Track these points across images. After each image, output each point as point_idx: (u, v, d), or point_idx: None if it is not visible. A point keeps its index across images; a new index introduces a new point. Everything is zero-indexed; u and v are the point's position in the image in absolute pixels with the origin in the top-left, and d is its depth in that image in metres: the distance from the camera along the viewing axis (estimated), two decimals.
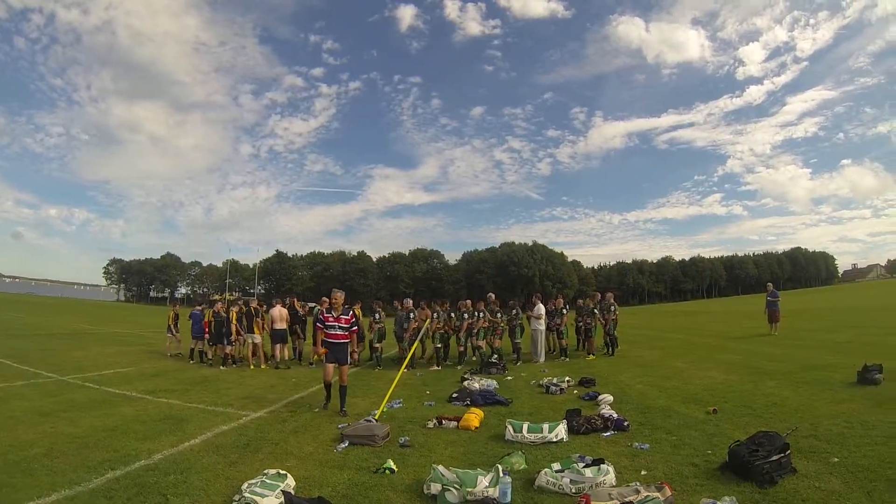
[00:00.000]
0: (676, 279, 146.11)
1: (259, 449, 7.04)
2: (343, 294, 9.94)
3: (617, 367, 14.26)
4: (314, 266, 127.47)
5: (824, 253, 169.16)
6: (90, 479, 5.66)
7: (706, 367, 13.22)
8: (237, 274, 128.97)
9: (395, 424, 8.27)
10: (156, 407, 9.65)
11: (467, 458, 6.48)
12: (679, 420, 7.93)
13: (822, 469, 5.38)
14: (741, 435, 6.32)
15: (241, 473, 5.85)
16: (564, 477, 5.24)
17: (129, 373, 13.83)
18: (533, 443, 6.99)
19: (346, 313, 9.64)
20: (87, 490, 5.38)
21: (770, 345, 17.51)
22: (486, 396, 10.13)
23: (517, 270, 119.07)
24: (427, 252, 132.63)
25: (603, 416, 7.85)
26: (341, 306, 9.69)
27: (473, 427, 7.95)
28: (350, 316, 9.66)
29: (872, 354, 11.86)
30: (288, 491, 5.14)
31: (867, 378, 9.54)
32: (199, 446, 7.11)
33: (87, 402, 9.87)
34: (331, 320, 9.46)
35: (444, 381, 13.19)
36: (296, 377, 13.82)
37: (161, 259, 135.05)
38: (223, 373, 14.55)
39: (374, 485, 5.56)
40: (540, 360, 16.31)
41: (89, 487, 5.45)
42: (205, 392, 11.37)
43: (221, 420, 8.68)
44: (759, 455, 5.25)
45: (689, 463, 5.90)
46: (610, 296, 18.57)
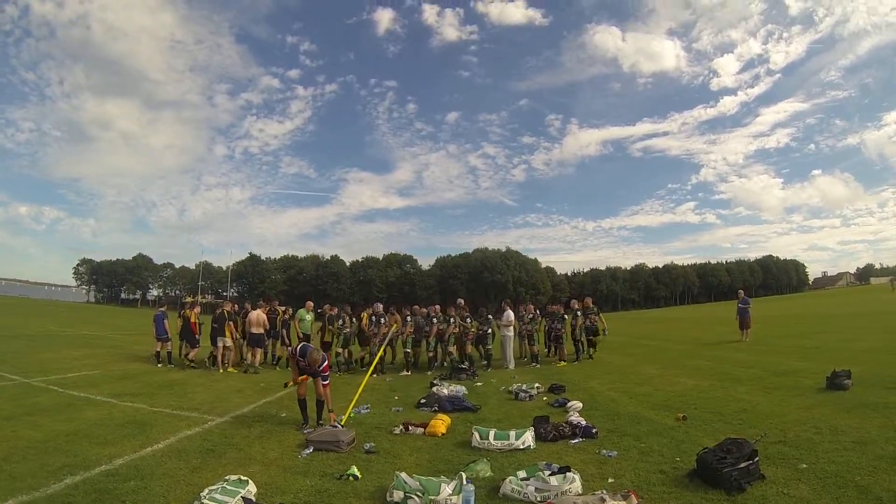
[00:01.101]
0: (650, 286, 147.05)
1: (223, 454, 6.96)
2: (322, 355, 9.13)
3: (587, 374, 14.28)
4: (287, 269, 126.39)
5: (795, 261, 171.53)
6: (49, 485, 5.57)
7: (677, 374, 13.26)
8: (210, 276, 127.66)
9: (362, 430, 8.23)
10: (120, 411, 9.49)
11: (432, 465, 6.46)
12: (648, 427, 7.93)
13: (790, 475, 5.41)
14: (710, 441, 6.35)
15: (202, 479, 5.77)
16: (530, 485, 5.21)
17: (96, 376, 13.58)
18: (500, 450, 6.96)
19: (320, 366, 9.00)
20: (44, 496, 5.30)
21: (741, 351, 17.65)
22: (455, 402, 10.11)
23: (490, 276, 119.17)
24: (400, 257, 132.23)
25: (571, 423, 7.85)
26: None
27: (440, 433, 7.91)
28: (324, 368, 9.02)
29: (841, 360, 12.09)
30: (249, 497, 5.07)
31: (836, 384, 9.62)
32: (161, 451, 7.01)
33: (51, 406, 9.69)
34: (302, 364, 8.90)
35: (413, 386, 13.13)
36: (264, 382, 13.68)
37: (133, 260, 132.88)
38: (191, 376, 14.35)
39: (337, 491, 5.51)
40: (510, 366, 16.35)
41: (47, 493, 5.37)
42: (171, 396, 11.22)
43: (186, 425, 8.57)
44: (727, 462, 5.26)
45: (657, 470, 5.89)
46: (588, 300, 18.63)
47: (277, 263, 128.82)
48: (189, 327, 16.78)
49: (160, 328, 16.79)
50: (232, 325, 16.42)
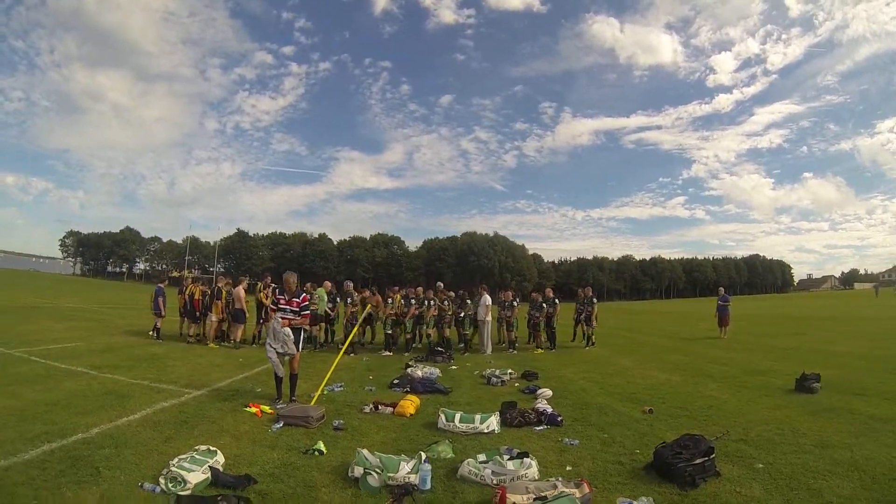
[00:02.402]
0: (636, 278, 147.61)
1: (196, 426, 7.10)
2: (295, 277, 9.67)
3: (562, 363, 14.44)
4: (275, 246, 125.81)
5: (781, 261, 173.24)
6: (26, 451, 5.68)
7: (651, 367, 13.44)
8: (197, 251, 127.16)
9: (333, 407, 8.39)
10: (99, 382, 9.58)
11: (397, 444, 6.58)
12: (614, 418, 8.04)
13: (745, 474, 5.49)
14: (673, 436, 6.38)
15: (174, 449, 5.89)
16: (487, 468, 5.32)
17: (78, 348, 13.65)
18: (464, 433, 7.09)
19: (298, 296, 9.38)
20: (21, 461, 5.41)
21: (717, 348, 17.87)
22: (426, 384, 10.27)
23: (477, 261, 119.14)
24: (388, 237, 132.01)
25: (537, 410, 7.96)
26: (293, 289, 9.46)
27: (408, 414, 8.06)
28: (302, 298, 9.38)
29: (814, 362, 12.32)
30: (216, 467, 5.22)
31: (804, 386, 9.76)
32: (137, 422, 7.13)
33: (31, 376, 9.79)
34: (283, 303, 9.25)
35: (388, 367, 13.27)
36: (243, 357, 13.83)
37: (120, 233, 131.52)
38: (171, 350, 14.45)
39: (302, 465, 5.67)
40: (487, 351, 16.53)
41: (24, 459, 5.48)
42: (150, 369, 11.32)
43: (163, 397, 8.69)
44: (682, 457, 5.32)
45: (616, 461, 5.98)
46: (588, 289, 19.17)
47: (265, 240, 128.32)
48: (193, 304, 16.94)
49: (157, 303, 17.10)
50: (219, 301, 16.64)
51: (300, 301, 9.28)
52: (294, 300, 9.26)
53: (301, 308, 9.27)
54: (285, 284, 9.52)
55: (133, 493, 4.87)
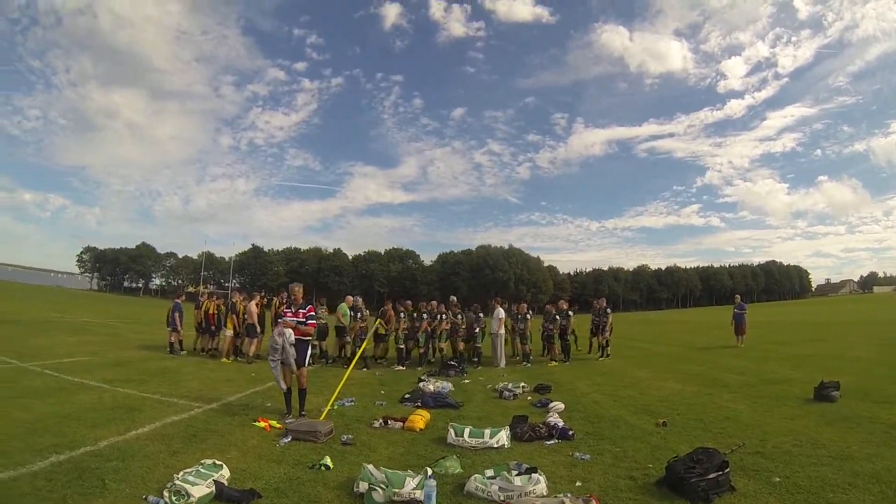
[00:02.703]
0: (652, 288, 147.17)
1: (204, 440, 7.10)
2: (301, 287, 9.63)
3: (575, 375, 14.31)
4: (290, 261, 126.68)
5: (798, 267, 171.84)
6: (34, 462, 5.71)
7: (666, 378, 13.25)
8: (212, 267, 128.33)
9: (343, 422, 8.37)
10: (111, 396, 9.60)
11: (405, 460, 6.53)
12: (626, 431, 7.91)
13: (761, 489, 5.30)
14: (687, 449, 6.19)
15: (180, 462, 5.89)
16: (494, 484, 5.23)
17: (91, 362, 13.69)
18: (473, 447, 7.01)
19: (305, 307, 9.23)
20: (29, 472, 5.45)
21: (733, 357, 17.63)
22: (437, 399, 10.20)
23: (492, 274, 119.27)
24: (403, 252, 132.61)
25: (548, 424, 7.86)
26: (300, 300, 9.37)
27: (418, 429, 7.99)
28: (308, 309, 9.23)
29: (833, 370, 12.14)
30: (220, 481, 5.20)
31: (823, 395, 9.52)
32: (145, 435, 7.15)
33: (44, 389, 9.82)
34: (289, 315, 9.09)
35: (401, 381, 13.21)
36: (255, 372, 13.77)
37: (136, 249, 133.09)
38: (183, 365, 14.47)
39: (308, 480, 5.62)
40: (500, 364, 16.42)
41: (32, 470, 5.52)
42: (162, 383, 11.32)
43: (173, 411, 8.69)
44: (695, 472, 5.17)
45: (628, 476, 5.83)
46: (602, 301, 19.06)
47: (280, 255, 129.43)
48: (208, 319, 17.14)
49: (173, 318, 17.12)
50: (234, 316, 16.69)
51: (306, 312, 9.16)
52: (301, 311, 9.13)
53: (307, 318, 9.14)
54: (291, 295, 9.48)
55: None
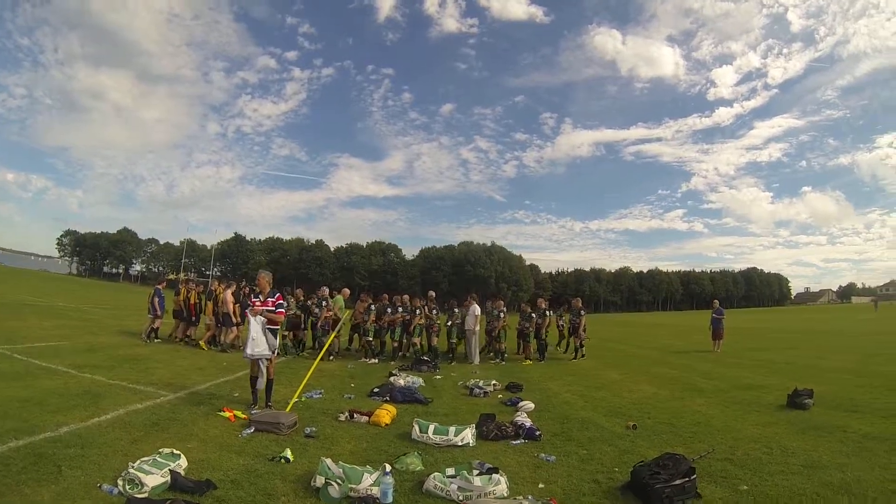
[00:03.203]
0: (633, 290, 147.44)
1: (166, 429, 7.04)
2: (269, 275, 9.28)
3: (548, 374, 14.31)
4: (272, 251, 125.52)
5: (779, 275, 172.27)
6: None
7: (639, 380, 13.29)
8: (194, 254, 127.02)
9: (308, 414, 8.30)
10: (77, 382, 9.51)
11: (367, 455, 6.48)
12: (595, 433, 7.85)
13: (728, 497, 5.25)
14: (655, 453, 6.19)
15: (139, 451, 5.83)
16: (453, 483, 5.17)
17: (62, 346, 13.55)
18: (437, 444, 6.95)
19: (273, 296, 8.99)
20: None
21: (709, 361, 17.77)
22: (406, 394, 10.13)
23: (473, 270, 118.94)
24: (385, 245, 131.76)
25: (515, 424, 7.80)
26: (266, 289, 9.08)
27: (384, 423, 7.93)
28: (276, 298, 8.97)
29: (807, 377, 12.27)
30: (177, 471, 5.14)
31: (796, 402, 9.57)
32: (107, 422, 7.08)
33: (10, 373, 9.73)
34: (257, 305, 8.87)
35: (372, 375, 13.13)
36: (227, 361, 13.66)
37: (117, 234, 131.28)
38: (155, 352, 14.34)
39: (266, 472, 5.57)
40: (474, 361, 16.40)
41: None
42: (131, 370, 11.22)
43: (138, 398, 8.60)
44: (660, 478, 5.11)
45: (592, 479, 5.77)
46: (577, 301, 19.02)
47: (262, 245, 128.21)
48: (189, 307, 17.13)
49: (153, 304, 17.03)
50: (210, 304, 16.78)
51: (274, 301, 8.94)
52: (269, 300, 8.92)
53: (276, 307, 8.94)
54: (259, 284, 9.21)
55: (90, 493, 4.81)
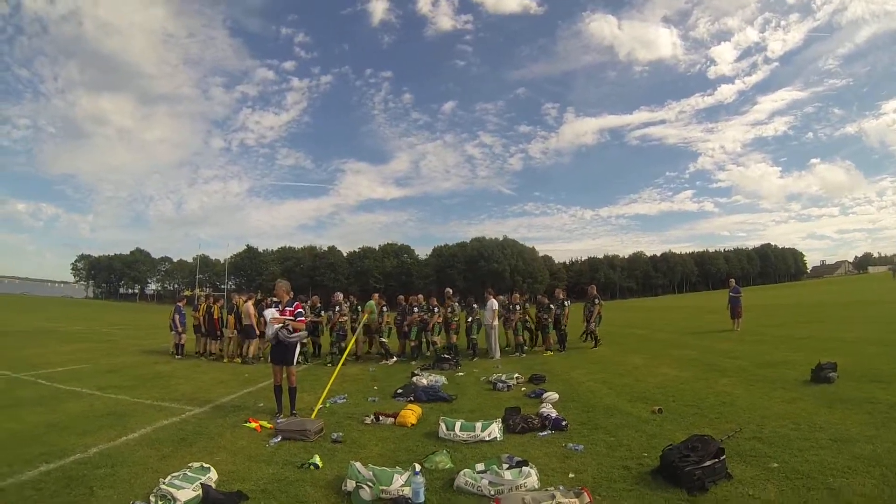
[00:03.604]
0: (648, 274, 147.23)
1: (193, 443, 7.07)
2: (287, 284, 9.28)
3: (571, 364, 14.21)
4: (285, 261, 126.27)
5: (793, 249, 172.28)
6: (23, 472, 5.73)
7: (661, 364, 13.16)
8: (208, 269, 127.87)
9: (334, 420, 8.31)
10: (102, 403, 9.59)
11: (395, 456, 6.47)
12: (621, 419, 7.79)
13: (759, 475, 5.19)
14: (683, 436, 6.12)
15: (169, 467, 5.87)
16: (484, 478, 5.16)
17: (83, 370, 13.68)
18: (465, 441, 6.93)
19: (291, 305, 8.96)
20: (17, 482, 5.47)
21: (729, 341, 17.59)
22: (430, 393, 10.10)
23: (487, 265, 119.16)
24: (397, 247, 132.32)
25: (541, 415, 7.75)
26: (286, 298, 9.08)
27: (410, 424, 7.92)
28: (294, 308, 8.93)
29: (830, 351, 12.09)
30: (207, 484, 5.15)
31: (821, 377, 9.41)
32: (135, 441, 7.13)
33: (35, 399, 9.84)
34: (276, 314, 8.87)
35: (394, 376, 13.09)
36: (248, 373, 13.72)
37: (130, 255, 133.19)
38: (177, 368, 14.45)
39: (296, 480, 5.58)
40: (495, 356, 16.34)
41: (20, 480, 5.54)
42: (154, 388, 11.29)
43: (164, 415, 8.65)
44: (690, 460, 5.07)
45: (622, 466, 5.73)
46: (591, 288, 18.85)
47: (275, 255, 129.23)
48: (212, 321, 17.25)
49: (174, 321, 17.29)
50: (231, 317, 16.86)
51: (293, 310, 8.91)
52: (287, 309, 8.90)
53: (295, 316, 8.88)
54: (277, 294, 9.22)
55: None
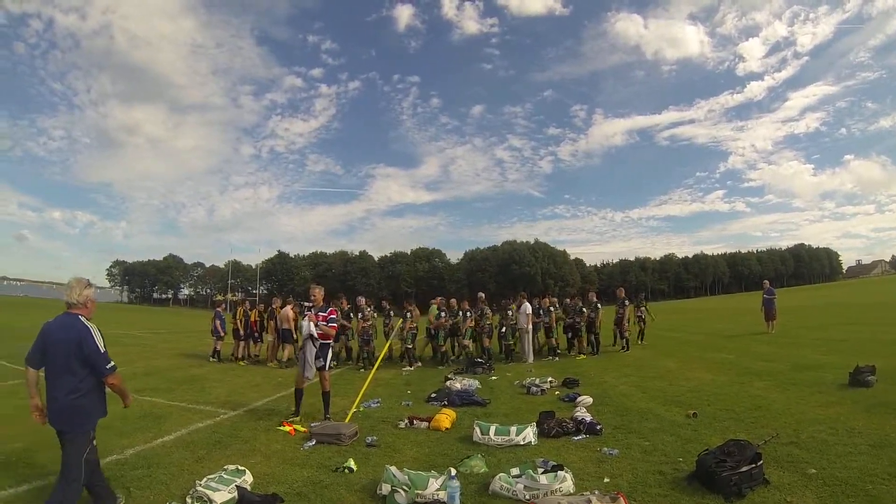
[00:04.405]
0: (679, 276, 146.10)
1: (228, 446, 7.13)
2: (321, 290, 9.35)
3: (604, 367, 14.15)
4: (316, 266, 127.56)
5: (828, 249, 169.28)
6: None
7: (695, 368, 13.03)
8: (239, 274, 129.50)
9: (368, 424, 8.33)
10: (139, 405, 9.55)
11: (430, 460, 6.48)
12: (656, 424, 7.75)
13: (796, 481, 5.11)
14: (718, 440, 6.07)
15: (204, 469, 5.95)
16: (519, 482, 5.14)
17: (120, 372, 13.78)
18: (500, 445, 6.92)
19: (325, 310, 8.98)
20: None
21: (764, 343, 17.37)
22: (464, 397, 10.09)
23: (519, 269, 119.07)
24: (429, 251, 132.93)
25: (575, 419, 7.70)
26: (321, 303, 9.13)
27: (444, 428, 7.92)
28: (328, 313, 8.97)
29: (867, 353, 11.87)
30: (243, 487, 5.21)
31: (859, 380, 9.25)
32: (171, 442, 7.22)
33: None
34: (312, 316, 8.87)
35: (428, 380, 13.10)
36: (281, 377, 13.76)
37: (164, 260, 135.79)
38: (211, 372, 14.58)
39: (331, 483, 5.59)
40: (528, 359, 16.28)
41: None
42: (189, 391, 11.41)
43: (199, 418, 8.74)
44: (727, 465, 5.00)
45: (657, 471, 5.68)
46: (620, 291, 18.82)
47: (306, 260, 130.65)
48: (250, 325, 17.50)
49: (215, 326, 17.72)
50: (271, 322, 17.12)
51: (327, 315, 8.94)
52: (321, 314, 8.92)
53: (328, 321, 8.94)
54: (314, 298, 9.20)
55: None
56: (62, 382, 4.56)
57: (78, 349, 4.54)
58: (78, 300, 4.82)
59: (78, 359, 4.55)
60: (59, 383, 4.56)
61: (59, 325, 4.68)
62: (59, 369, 4.55)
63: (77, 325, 4.66)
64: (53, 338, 4.60)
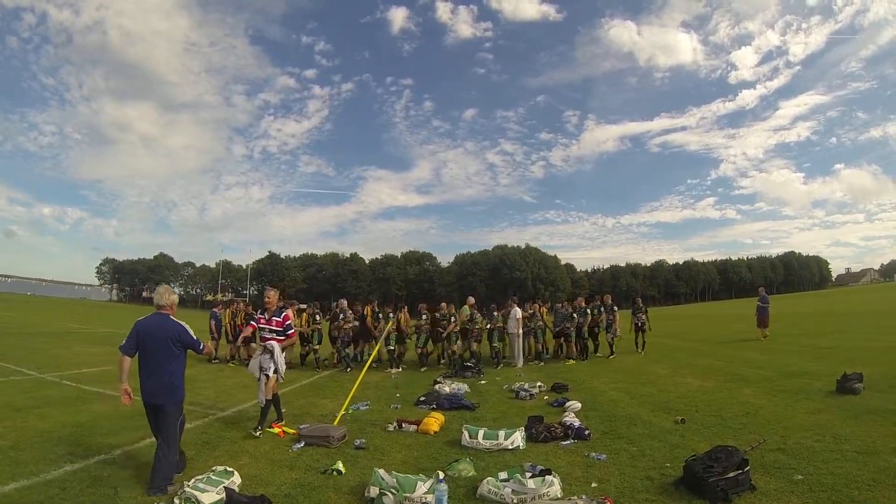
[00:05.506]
0: (670, 283, 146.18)
1: (216, 447, 7.16)
2: (276, 292, 8.79)
3: (593, 373, 14.18)
4: (307, 267, 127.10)
5: (818, 257, 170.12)
6: (49, 471, 5.84)
7: (684, 374, 13.10)
8: (230, 275, 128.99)
9: (357, 426, 8.32)
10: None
11: (418, 463, 6.49)
12: (644, 429, 7.79)
13: (783, 487, 5.16)
14: (706, 446, 6.12)
15: (192, 470, 5.96)
16: (507, 486, 5.17)
17: (109, 371, 13.56)
18: (488, 449, 6.93)
19: (279, 315, 8.47)
20: (43, 481, 5.56)
21: (753, 350, 17.49)
22: (452, 400, 10.09)
23: (509, 273, 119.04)
24: (419, 254, 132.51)
25: (564, 424, 7.76)
26: (275, 306, 8.60)
27: (432, 431, 7.92)
28: (283, 318, 8.47)
29: (855, 361, 11.93)
30: (231, 488, 5.22)
31: (846, 387, 9.33)
32: None
33: (61, 399, 9.92)
34: (262, 322, 8.49)
35: (417, 384, 13.10)
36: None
37: (154, 259, 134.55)
38: (200, 372, 14.44)
39: (319, 485, 5.60)
40: (518, 364, 16.30)
41: (46, 479, 5.63)
42: None
43: (188, 418, 8.56)
44: (713, 471, 5.05)
45: (645, 476, 5.73)
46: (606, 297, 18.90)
47: (297, 261, 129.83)
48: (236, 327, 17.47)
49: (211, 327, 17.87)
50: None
51: (281, 320, 8.48)
52: (274, 319, 8.47)
53: (284, 328, 8.49)
54: (265, 301, 8.69)
55: None
56: (162, 367, 5.82)
57: (177, 339, 5.86)
58: (167, 303, 6.08)
59: (177, 347, 5.88)
60: (158, 368, 5.82)
61: (156, 323, 5.89)
62: (161, 357, 5.81)
63: (170, 322, 5.93)
64: (152, 332, 5.82)
